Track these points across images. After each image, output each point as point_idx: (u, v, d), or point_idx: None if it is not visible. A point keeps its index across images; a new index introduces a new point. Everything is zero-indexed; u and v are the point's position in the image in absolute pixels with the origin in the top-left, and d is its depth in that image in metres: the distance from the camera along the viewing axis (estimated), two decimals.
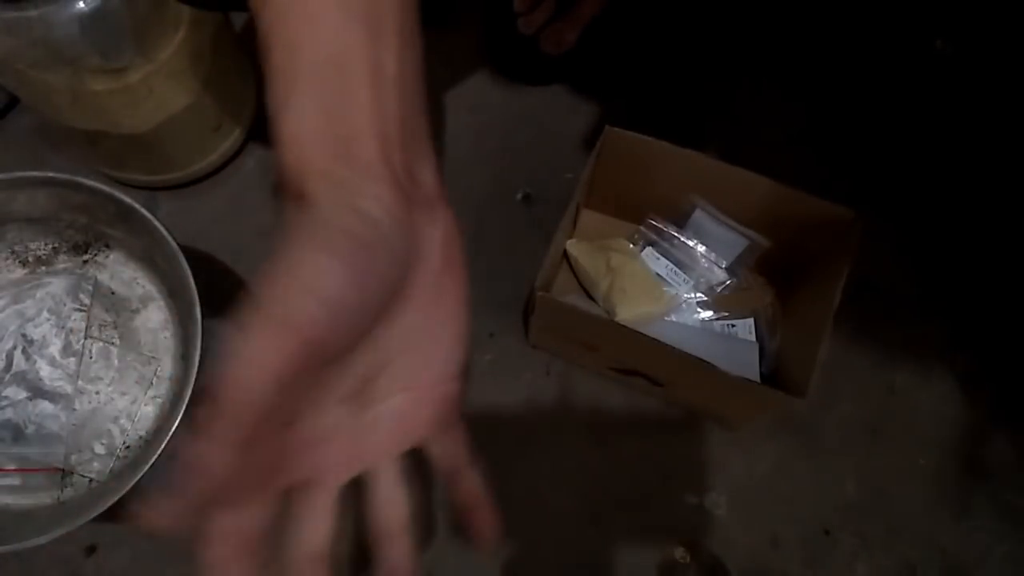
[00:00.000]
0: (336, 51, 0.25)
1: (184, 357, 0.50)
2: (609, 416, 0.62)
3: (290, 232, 0.23)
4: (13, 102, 0.72)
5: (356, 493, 0.29)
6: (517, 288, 0.65)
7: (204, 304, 0.46)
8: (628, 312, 0.61)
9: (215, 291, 0.45)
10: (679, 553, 0.58)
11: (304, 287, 0.22)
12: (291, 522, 0.26)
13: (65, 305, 0.51)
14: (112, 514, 0.42)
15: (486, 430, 0.62)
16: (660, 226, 0.64)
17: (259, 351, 0.21)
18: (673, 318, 0.63)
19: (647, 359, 0.55)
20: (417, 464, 0.31)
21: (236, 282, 0.66)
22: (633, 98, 0.73)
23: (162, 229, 0.47)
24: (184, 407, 0.44)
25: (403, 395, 0.28)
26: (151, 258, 0.51)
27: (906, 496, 0.60)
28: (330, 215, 0.24)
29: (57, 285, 0.51)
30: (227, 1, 0.53)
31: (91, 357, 0.50)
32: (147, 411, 0.50)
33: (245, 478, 0.23)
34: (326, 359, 0.23)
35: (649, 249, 0.64)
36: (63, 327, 0.50)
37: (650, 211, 0.64)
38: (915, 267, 0.67)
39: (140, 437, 0.49)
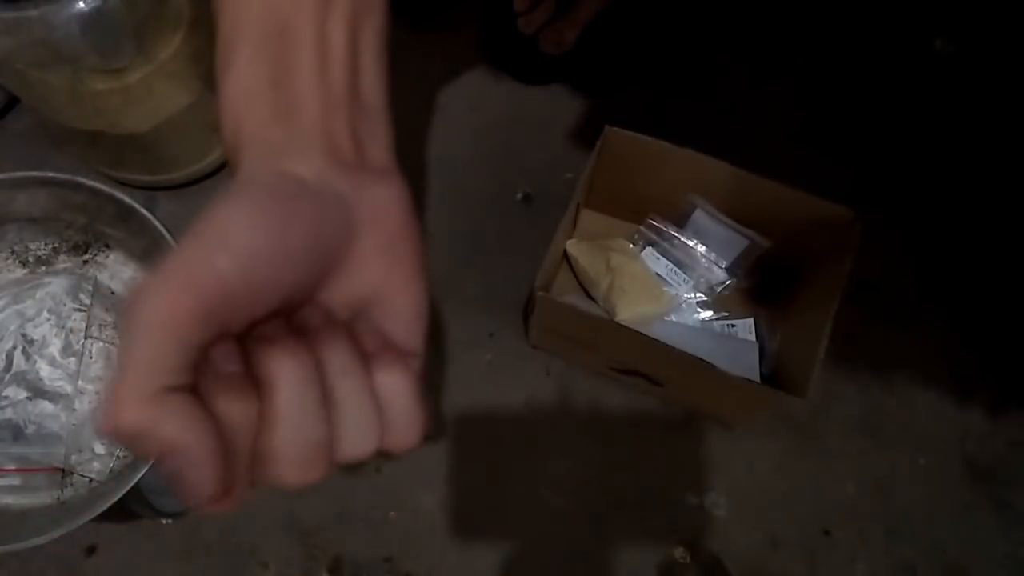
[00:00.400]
0: (281, 18, 0.25)
1: None
2: (609, 416, 0.62)
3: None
4: (13, 102, 0.72)
5: None
6: (517, 288, 0.65)
7: None
8: (628, 312, 0.61)
9: None
10: (679, 553, 0.58)
11: (212, 240, 0.21)
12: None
13: (65, 305, 0.51)
14: (112, 514, 0.42)
15: (486, 430, 0.62)
16: (660, 226, 0.64)
17: (152, 312, 0.20)
18: (673, 318, 0.63)
19: (647, 359, 0.55)
20: None
21: None
22: (633, 98, 0.73)
23: (162, 229, 0.47)
24: None
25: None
26: (151, 258, 0.51)
27: (906, 496, 0.60)
28: (252, 175, 0.24)
29: (57, 285, 0.51)
30: None
31: (91, 357, 0.50)
32: None
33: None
34: (250, 311, 0.22)
35: (649, 249, 0.64)
36: (63, 327, 0.50)
37: (650, 211, 0.64)
38: (915, 267, 0.67)
39: None
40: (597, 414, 0.62)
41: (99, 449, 0.49)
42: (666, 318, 0.62)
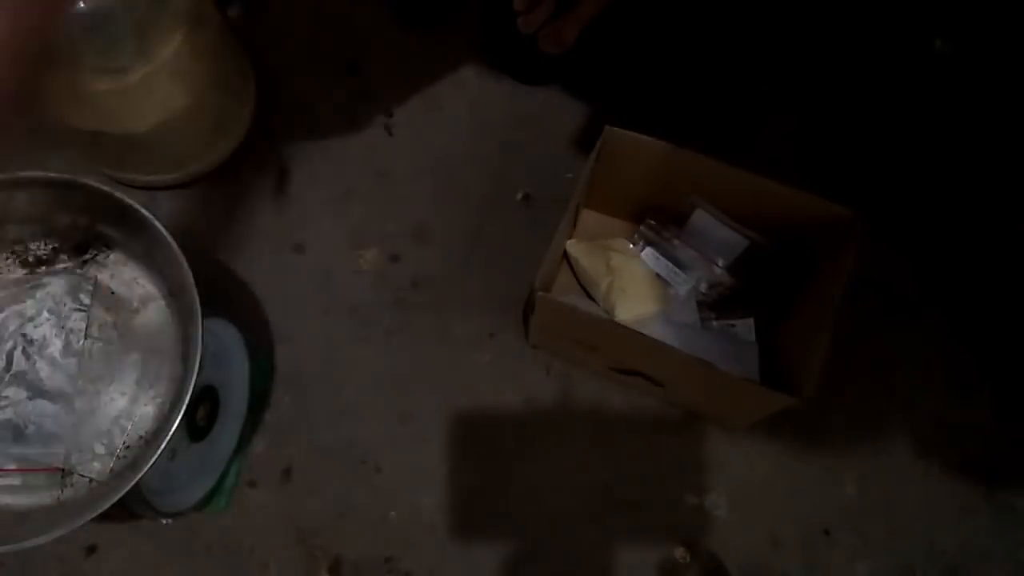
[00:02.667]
0: None
1: (184, 357, 0.50)
2: (609, 416, 0.62)
3: None
4: None
5: None
6: (517, 288, 0.65)
7: (203, 304, 0.46)
8: (628, 312, 0.61)
9: (215, 291, 0.45)
10: (679, 553, 0.58)
11: None
12: None
13: (65, 305, 0.51)
14: (112, 514, 0.42)
15: (486, 430, 0.62)
16: (660, 226, 0.64)
17: None
18: (673, 318, 0.63)
19: (647, 359, 0.55)
20: None
21: (236, 282, 0.66)
22: (633, 98, 0.73)
23: (162, 229, 0.46)
24: (184, 407, 0.44)
25: None
26: (151, 258, 0.51)
27: (906, 496, 0.60)
28: None
29: (57, 285, 0.51)
30: None
31: (91, 357, 0.50)
32: (147, 411, 0.50)
33: None
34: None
35: (649, 249, 0.64)
36: (63, 327, 0.50)
37: (650, 211, 0.64)
38: (915, 267, 0.67)
39: (140, 437, 0.49)
40: (597, 414, 0.62)
41: (99, 449, 0.49)
42: (666, 318, 0.62)
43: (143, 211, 0.47)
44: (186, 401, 0.44)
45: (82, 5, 0.50)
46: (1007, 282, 0.67)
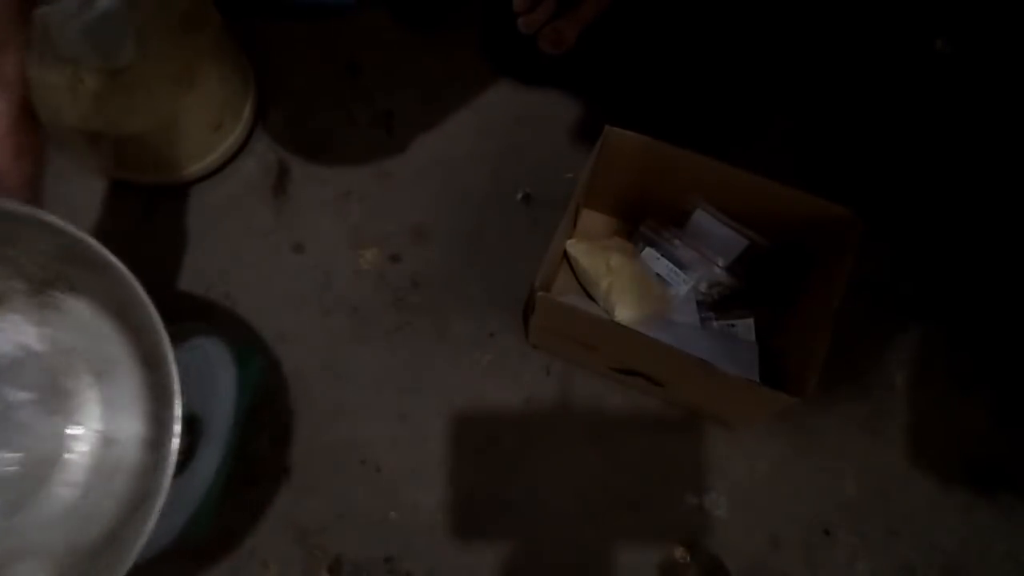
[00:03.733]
0: None
1: (155, 443, 0.40)
2: (609, 416, 0.62)
3: None
4: None
5: None
6: (517, 288, 0.65)
7: (198, 318, 0.41)
8: (628, 312, 0.61)
9: (214, 292, 0.45)
10: (679, 553, 0.58)
11: None
12: None
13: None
14: None
15: (486, 430, 0.62)
16: (660, 226, 0.64)
17: None
18: (673, 318, 0.63)
19: (647, 359, 0.55)
20: None
21: (236, 282, 0.66)
22: (633, 98, 0.73)
23: (129, 276, 0.38)
24: (156, 506, 0.35)
25: None
26: (122, 312, 0.43)
27: (906, 496, 0.60)
28: None
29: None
30: None
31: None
32: (107, 505, 0.41)
33: None
34: None
35: (649, 249, 0.64)
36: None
37: (650, 211, 0.64)
38: (915, 267, 0.67)
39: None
40: (597, 414, 0.62)
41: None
42: (666, 318, 0.62)
43: (108, 255, 0.39)
44: (160, 499, 0.36)
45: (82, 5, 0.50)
46: (1007, 282, 0.67)
